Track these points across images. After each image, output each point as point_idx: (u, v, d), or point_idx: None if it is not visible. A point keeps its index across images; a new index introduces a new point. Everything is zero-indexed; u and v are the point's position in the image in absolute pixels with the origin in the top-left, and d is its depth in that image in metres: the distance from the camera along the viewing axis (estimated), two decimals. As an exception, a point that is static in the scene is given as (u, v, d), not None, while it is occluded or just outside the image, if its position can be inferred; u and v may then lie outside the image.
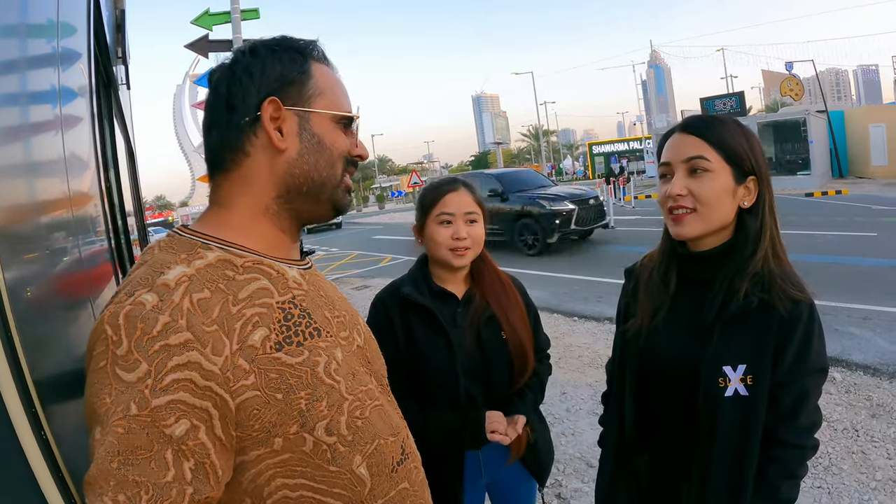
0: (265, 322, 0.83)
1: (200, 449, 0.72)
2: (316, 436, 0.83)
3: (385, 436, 0.94)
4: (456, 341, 1.77)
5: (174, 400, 0.71)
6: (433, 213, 1.83)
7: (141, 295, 0.75)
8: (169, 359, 0.72)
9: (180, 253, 0.84)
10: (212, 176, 0.95)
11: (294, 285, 0.92)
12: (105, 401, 0.70)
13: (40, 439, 0.77)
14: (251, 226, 0.92)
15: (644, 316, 1.48)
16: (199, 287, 0.79)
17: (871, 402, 4.17)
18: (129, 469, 0.67)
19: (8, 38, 0.96)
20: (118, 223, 3.26)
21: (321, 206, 0.98)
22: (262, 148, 0.92)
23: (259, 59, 0.93)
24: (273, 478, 0.82)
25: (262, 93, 0.91)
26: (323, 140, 0.95)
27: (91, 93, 1.92)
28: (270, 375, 0.80)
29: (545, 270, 10.25)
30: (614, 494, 1.58)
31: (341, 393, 0.88)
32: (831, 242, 10.34)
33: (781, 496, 1.31)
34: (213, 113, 0.94)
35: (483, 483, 1.90)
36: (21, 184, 0.94)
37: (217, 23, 7.69)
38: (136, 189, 4.98)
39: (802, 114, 23.48)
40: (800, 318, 1.29)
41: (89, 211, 1.65)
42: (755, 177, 1.35)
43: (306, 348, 0.86)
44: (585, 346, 5.98)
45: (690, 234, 1.35)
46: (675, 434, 1.44)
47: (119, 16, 3.48)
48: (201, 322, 0.76)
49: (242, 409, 0.77)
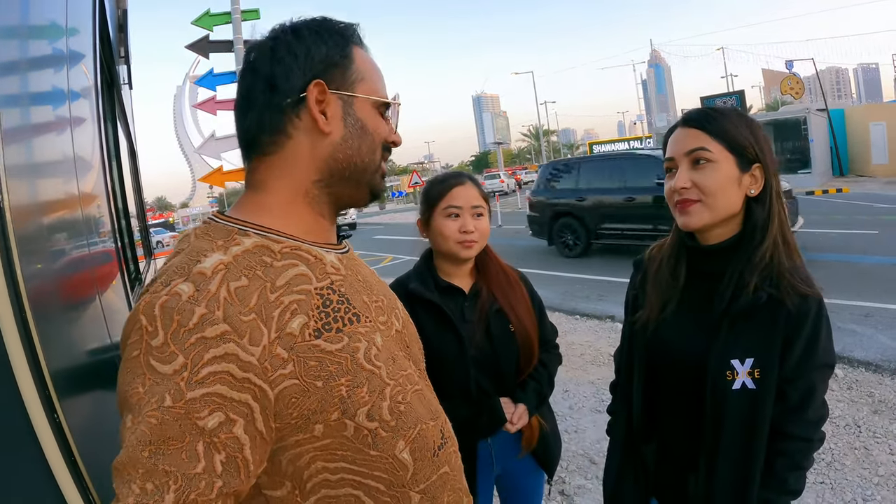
0: (304, 309, 0.81)
1: (233, 443, 0.71)
2: (357, 421, 0.82)
3: (426, 420, 0.93)
4: (466, 336, 1.78)
5: (209, 392, 0.70)
6: (440, 206, 1.83)
7: (177, 285, 0.74)
8: (206, 351, 0.71)
9: (217, 240, 0.83)
10: (248, 158, 0.93)
11: (332, 270, 0.90)
12: (138, 390, 0.70)
13: (54, 424, 0.78)
14: (289, 210, 0.91)
15: (653, 308, 1.48)
16: (236, 275, 0.78)
17: (873, 399, 4.18)
18: (159, 458, 0.67)
19: (15, 39, 0.97)
20: (121, 223, 3.27)
21: (360, 190, 0.97)
22: (304, 130, 0.90)
23: (303, 40, 0.91)
24: (313, 461, 0.81)
25: (308, 75, 0.89)
26: (366, 125, 0.94)
27: (95, 93, 1.93)
28: (310, 363, 0.79)
29: (547, 269, 10.32)
30: (623, 482, 1.59)
31: (382, 378, 0.87)
32: (832, 240, 10.34)
33: (789, 488, 1.32)
34: (249, 93, 0.91)
35: (494, 474, 1.91)
36: (27, 183, 0.95)
37: (218, 23, 7.67)
38: (139, 189, 4.99)
39: (803, 112, 23.46)
40: (808, 313, 1.29)
41: (94, 211, 1.66)
42: (760, 164, 1.35)
43: (346, 334, 0.85)
44: (588, 344, 5.99)
45: (697, 223, 1.36)
46: (682, 425, 1.45)
47: (122, 15, 3.49)
48: (238, 312, 0.75)
49: (281, 398, 0.76)
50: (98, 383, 1.21)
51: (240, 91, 0.93)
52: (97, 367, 1.24)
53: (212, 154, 7.56)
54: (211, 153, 7.55)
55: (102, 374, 1.23)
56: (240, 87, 0.93)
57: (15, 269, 0.76)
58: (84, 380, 1.12)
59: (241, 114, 0.92)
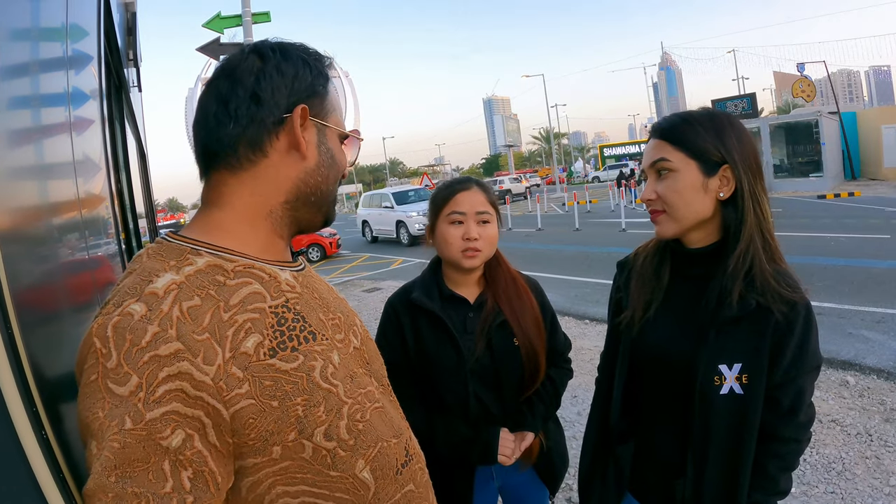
0: (258, 328, 0.81)
1: (198, 458, 0.71)
2: (315, 441, 0.82)
3: (388, 438, 0.92)
4: (466, 348, 1.73)
5: (168, 411, 0.70)
6: (444, 212, 1.78)
7: (129, 305, 0.73)
8: (160, 370, 0.70)
9: (169, 260, 0.82)
10: (214, 170, 0.91)
11: (287, 288, 0.89)
12: (98, 415, 0.69)
13: (41, 440, 0.77)
14: (246, 228, 0.90)
15: (637, 308, 1.49)
16: (188, 294, 0.77)
17: (884, 407, 4.12)
18: (126, 482, 0.67)
19: (19, 42, 0.96)
20: (129, 224, 3.28)
21: (319, 216, 0.99)
22: (279, 151, 0.90)
23: (292, 62, 0.91)
24: (273, 486, 0.81)
25: (293, 97, 0.90)
26: (335, 156, 0.97)
27: (101, 95, 1.93)
28: (265, 383, 0.78)
29: (557, 273, 10.26)
30: (593, 479, 1.63)
31: (340, 397, 0.86)
32: (844, 245, 10.25)
33: (780, 488, 1.36)
34: (230, 102, 0.88)
35: (495, 486, 1.88)
36: (32, 185, 0.94)
37: (228, 26, 7.73)
38: (148, 190, 5.01)
39: (814, 115, 23.27)
40: (796, 320, 1.30)
41: (100, 212, 1.66)
42: (729, 165, 1.33)
43: (301, 353, 0.84)
44: (597, 350, 5.93)
45: (666, 233, 1.39)
46: (668, 429, 1.45)
47: (130, 19, 3.50)
48: (192, 331, 0.74)
49: (238, 417, 0.76)
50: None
51: (213, 97, 0.90)
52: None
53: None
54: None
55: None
56: (212, 92, 0.91)
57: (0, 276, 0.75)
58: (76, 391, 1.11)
59: (215, 122, 0.89)
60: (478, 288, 1.86)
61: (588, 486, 1.64)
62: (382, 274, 13.14)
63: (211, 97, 0.90)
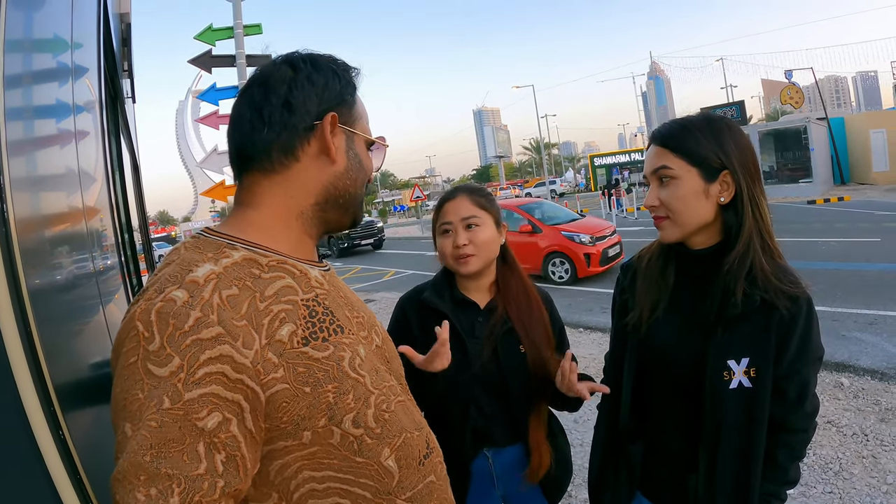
0: (291, 318, 0.84)
1: (232, 442, 0.73)
2: (343, 428, 0.85)
3: (411, 430, 0.96)
4: (472, 351, 1.74)
5: (207, 393, 0.72)
6: (437, 225, 1.85)
7: (172, 292, 0.76)
8: (201, 353, 0.73)
9: (207, 252, 0.85)
10: (247, 173, 0.96)
11: (316, 284, 0.93)
12: (138, 396, 0.71)
13: (58, 439, 0.78)
14: (279, 227, 0.94)
15: (644, 308, 1.51)
16: (227, 284, 0.80)
17: (879, 407, 4.16)
18: (161, 462, 0.68)
19: (22, 53, 0.97)
20: (124, 237, 3.28)
21: (347, 217, 1.04)
22: (311, 156, 0.95)
23: (322, 72, 0.97)
24: (300, 470, 0.83)
25: (324, 105, 0.95)
26: (362, 161, 1.02)
27: (100, 106, 1.93)
28: (298, 369, 0.82)
29: (548, 283, 10.29)
30: (605, 479, 1.64)
31: (367, 387, 0.90)
32: (835, 249, 10.35)
33: (790, 478, 1.40)
34: (264, 109, 0.93)
35: (498, 494, 1.86)
36: (32, 196, 0.95)
37: (220, 38, 7.70)
38: (142, 203, 5.00)
39: (803, 121, 23.49)
40: (799, 313, 1.34)
41: (97, 224, 1.66)
42: (729, 171, 1.37)
43: (331, 343, 0.88)
44: (591, 357, 5.95)
45: (670, 238, 1.43)
46: (678, 425, 1.48)
47: (125, 30, 3.51)
48: (231, 317, 0.77)
49: (272, 401, 0.79)
50: (102, 398, 1.20)
51: (247, 104, 0.96)
52: (101, 380, 1.24)
53: (214, 168, 7.59)
54: (213, 167, 7.58)
55: (106, 388, 1.23)
56: (246, 99, 0.96)
57: (20, 281, 0.76)
58: (88, 394, 1.12)
59: (250, 127, 0.94)
60: (489, 294, 1.87)
61: (600, 486, 1.66)
62: (376, 286, 13.15)
63: (245, 104, 0.96)
